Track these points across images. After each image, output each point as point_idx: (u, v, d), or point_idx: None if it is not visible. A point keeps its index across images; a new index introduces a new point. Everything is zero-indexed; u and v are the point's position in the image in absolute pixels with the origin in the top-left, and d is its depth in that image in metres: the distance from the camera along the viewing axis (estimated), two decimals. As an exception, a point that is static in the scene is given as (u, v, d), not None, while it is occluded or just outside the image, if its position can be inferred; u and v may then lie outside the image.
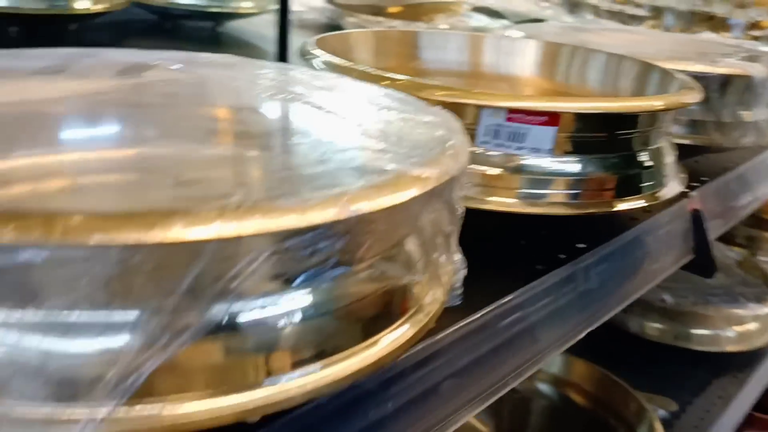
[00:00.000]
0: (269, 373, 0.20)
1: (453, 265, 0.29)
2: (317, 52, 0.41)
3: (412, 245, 0.25)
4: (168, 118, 0.28)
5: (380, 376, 0.27)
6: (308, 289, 0.21)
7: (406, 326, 0.25)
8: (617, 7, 1.85)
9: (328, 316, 0.22)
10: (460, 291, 0.30)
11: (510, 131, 0.35)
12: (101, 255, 0.17)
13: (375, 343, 0.23)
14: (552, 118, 0.35)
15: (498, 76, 0.51)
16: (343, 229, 0.21)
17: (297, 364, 0.21)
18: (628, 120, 0.36)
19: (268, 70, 0.37)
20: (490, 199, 0.36)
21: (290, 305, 0.21)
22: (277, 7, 1.07)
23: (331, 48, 0.44)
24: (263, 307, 0.20)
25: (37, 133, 0.24)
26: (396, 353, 0.24)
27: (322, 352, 0.22)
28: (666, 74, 0.46)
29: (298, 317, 0.21)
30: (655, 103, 0.37)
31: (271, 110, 0.31)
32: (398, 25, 1.13)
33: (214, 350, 0.19)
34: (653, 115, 0.37)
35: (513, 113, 0.35)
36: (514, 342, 0.35)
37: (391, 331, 0.24)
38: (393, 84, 0.35)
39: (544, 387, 0.94)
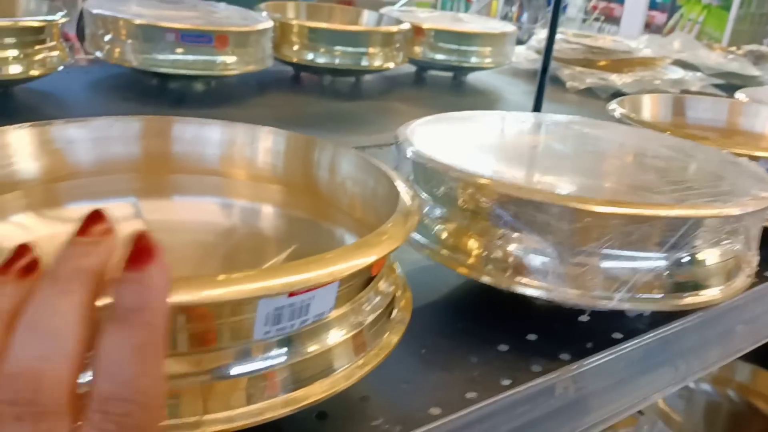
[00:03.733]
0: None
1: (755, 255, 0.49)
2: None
3: (741, 237, 0.45)
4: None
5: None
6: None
7: (738, 280, 0.45)
8: (800, 58, 1.94)
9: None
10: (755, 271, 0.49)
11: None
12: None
13: (731, 282, 0.44)
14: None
15: (746, 132, 0.71)
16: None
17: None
18: None
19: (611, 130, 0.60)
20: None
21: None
22: (508, 62, 1.31)
23: (629, 107, 0.65)
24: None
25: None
26: (735, 292, 0.44)
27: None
28: None
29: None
30: None
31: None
32: (607, 76, 1.33)
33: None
34: None
35: (782, 162, 0.55)
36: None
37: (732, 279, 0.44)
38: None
39: (731, 393, 1.09)
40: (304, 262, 0.27)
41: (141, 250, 0.20)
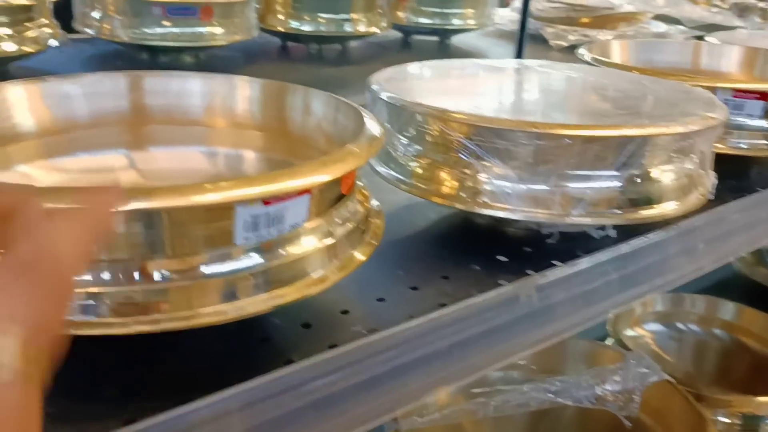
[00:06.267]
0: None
1: (709, 175, 0.52)
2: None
3: (694, 156, 0.49)
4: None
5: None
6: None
7: (693, 196, 0.48)
8: (785, 9, 1.95)
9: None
10: (713, 191, 0.53)
11: (734, 104, 0.58)
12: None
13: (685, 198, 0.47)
14: (762, 95, 0.57)
15: (711, 72, 0.74)
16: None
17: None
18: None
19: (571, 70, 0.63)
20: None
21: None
22: (491, 23, 1.33)
23: (598, 52, 0.68)
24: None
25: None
26: (689, 207, 0.48)
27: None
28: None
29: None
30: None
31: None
32: (591, 33, 1.35)
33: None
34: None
35: (737, 92, 0.58)
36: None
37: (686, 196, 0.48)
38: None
39: (718, 332, 1.13)
40: (277, 174, 0.31)
41: None
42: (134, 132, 0.47)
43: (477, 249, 0.49)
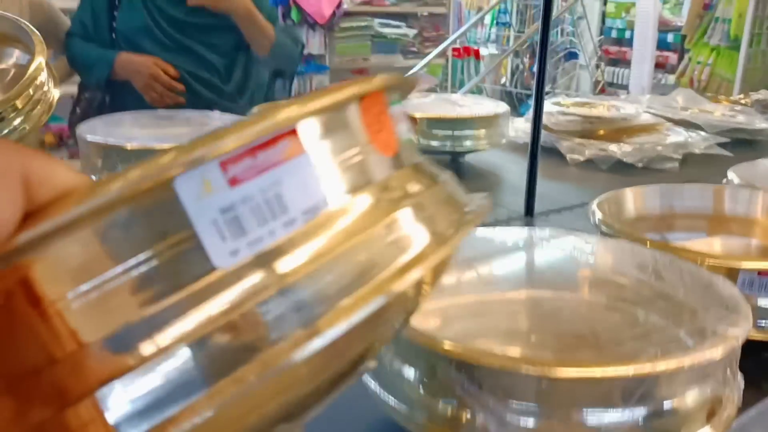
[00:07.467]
0: None
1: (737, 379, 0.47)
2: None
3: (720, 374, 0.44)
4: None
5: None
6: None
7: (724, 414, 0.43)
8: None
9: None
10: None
11: (760, 284, 0.53)
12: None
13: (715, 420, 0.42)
14: (791, 276, 0.52)
15: (735, 218, 0.69)
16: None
17: None
18: None
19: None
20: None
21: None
22: (504, 140, 1.31)
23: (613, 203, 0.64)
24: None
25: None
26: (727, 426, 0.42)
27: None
28: None
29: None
30: None
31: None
32: (607, 147, 1.32)
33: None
34: None
35: (762, 273, 0.53)
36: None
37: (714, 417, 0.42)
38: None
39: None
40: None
41: None
42: None
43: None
